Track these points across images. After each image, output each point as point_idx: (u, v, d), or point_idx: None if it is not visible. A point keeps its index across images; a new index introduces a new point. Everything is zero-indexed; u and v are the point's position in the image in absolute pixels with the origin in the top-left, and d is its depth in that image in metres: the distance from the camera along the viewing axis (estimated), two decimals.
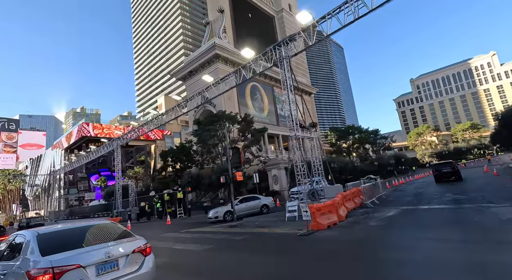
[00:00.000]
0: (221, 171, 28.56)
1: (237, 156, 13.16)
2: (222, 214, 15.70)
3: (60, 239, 3.83)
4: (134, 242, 4.06)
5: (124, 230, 4.45)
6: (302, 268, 5.05)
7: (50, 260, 3.27)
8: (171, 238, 11.21)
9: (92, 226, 4.29)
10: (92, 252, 3.54)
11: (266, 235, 9.22)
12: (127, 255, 3.79)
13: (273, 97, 52.07)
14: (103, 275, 3.50)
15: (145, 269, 3.89)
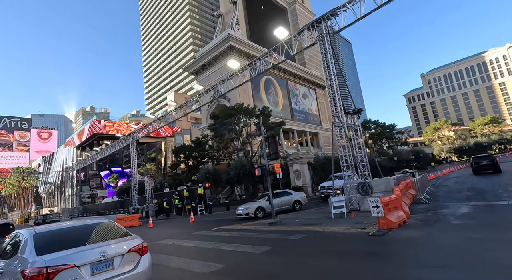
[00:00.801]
0: (240, 166, 27.46)
1: (274, 145, 11.90)
2: (253, 210, 14.53)
3: (57, 239, 3.80)
4: (130, 241, 3.99)
5: (121, 229, 4.38)
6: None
7: (45, 260, 3.26)
8: (208, 237, 10.07)
9: (89, 225, 4.26)
10: (87, 252, 3.52)
11: (324, 235, 7.96)
12: (122, 255, 3.75)
13: (287, 91, 50.58)
14: (97, 274, 3.47)
15: (141, 268, 3.85)
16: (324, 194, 18.89)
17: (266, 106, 33.06)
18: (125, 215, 21.56)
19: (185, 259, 6.71)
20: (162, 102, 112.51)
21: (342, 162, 12.02)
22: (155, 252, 8.25)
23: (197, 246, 8.57)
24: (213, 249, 7.68)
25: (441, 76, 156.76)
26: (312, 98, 57.42)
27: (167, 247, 9.24)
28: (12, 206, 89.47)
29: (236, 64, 17.15)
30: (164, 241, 10.54)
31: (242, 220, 14.36)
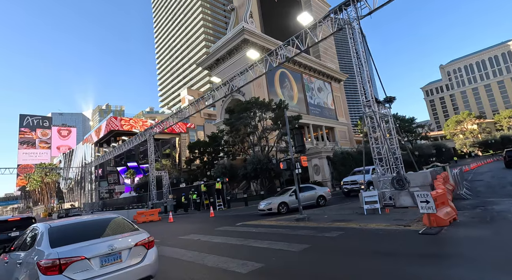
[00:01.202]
0: (257, 161, 27.00)
1: (300, 137, 11.29)
2: (276, 206, 14.05)
3: (69, 232, 4.01)
4: (137, 236, 4.18)
5: (130, 224, 4.61)
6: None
7: (58, 252, 3.47)
8: (235, 233, 9.67)
9: (99, 220, 4.54)
10: (96, 245, 3.70)
11: (363, 232, 7.34)
12: (129, 248, 3.94)
13: (302, 84, 49.47)
14: (106, 266, 3.66)
15: (147, 261, 4.04)
16: (348, 189, 18.13)
17: (282, 100, 32.31)
18: (144, 210, 21.65)
19: (219, 257, 6.29)
20: (175, 98, 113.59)
21: (374, 155, 11.24)
22: (185, 248, 7.92)
23: (226, 242, 8.17)
24: (245, 246, 7.24)
25: (461, 67, 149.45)
26: (327, 92, 55.99)
27: (194, 243, 8.90)
28: (36, 200, 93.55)
29: (256, 54, 16.56)
30: (190, 236, 10.24)
31: (265, 216, 13.92)
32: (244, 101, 31.73)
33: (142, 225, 18.02)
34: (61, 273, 3.40)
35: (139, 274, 3.93)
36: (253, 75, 20.45)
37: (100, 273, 3.61)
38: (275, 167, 28.02)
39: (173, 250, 7.92)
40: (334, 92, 57.55)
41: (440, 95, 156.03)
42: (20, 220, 10.32)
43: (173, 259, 6.77)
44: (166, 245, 8.83)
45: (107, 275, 3.64)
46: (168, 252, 7.73)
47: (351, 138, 58.61)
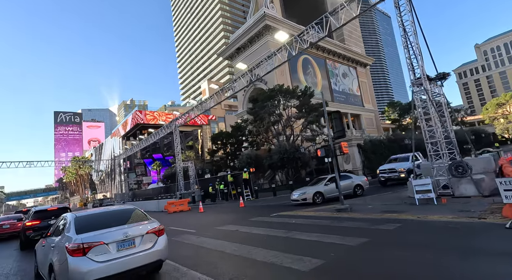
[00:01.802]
0: (283, 151, 26.27)
1: (339, 122, 10.37)
2: (311, 196, 13.33)
3: (91, 221, 4.64)
4: (148, 225, 4.70)
5: (143, 214, 5.08)
6: None
7: (81, 238, 4.10)
8: (274, 224, 9.13)
9: (117, 211, 5.15)
10: (113, 232, 4.28)
11: (424, 225, 6.47)
12: (142, 235, 4.48)
13: (326, 70, 47.35)
14: (122, 250, 4.23)
15: (158, 247, 4.58)
16: (385, 178, 16.93)
17: (308, 86, 30.99)
18: (174, 200, 21.88)
19: (268, 251, 5.75)
20: (196, 91, 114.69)
21: (426, 139, 10.06)
22: (225, 240, 7.49)
23: (268, 234, 7.64)
24: (291, 239, 6.64)
25: (500, 45, 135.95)
26: (352, 77, 53.28)
27: (234, 234, 8.48)
28: (72, 191, 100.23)
29: (284, 36, 15.52)
30: (226, 227, 9.88)
31: (299, 206, 13.28)
32: (267, 89, 30.82)
33: (173, 215, 18.20)
34: (85, 255, 3.99)
35: (151, 258, 4.46)
36: (276, 62, 19.52)
37: (117, 256, 4.16)
38: (302, 156, 27.19)
39: (214, 241, 7.54)
40: (360, 77, 54.64)
41: (475, 77, 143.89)
42: (57, 209, 11.07)
43: (217, 252, 6.35)
44: (204, 236, 8.50)
45: (122, 258, 4.17)
46: (210, 243, 7.35)
47: (378, 125, 55.76)
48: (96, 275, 3.93)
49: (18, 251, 10.40)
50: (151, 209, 23.34)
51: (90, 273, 3.89)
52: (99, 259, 4.02)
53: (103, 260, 4.04)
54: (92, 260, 3.98)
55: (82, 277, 3.87)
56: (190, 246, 7.39)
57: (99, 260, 4.01)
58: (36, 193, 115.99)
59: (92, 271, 3.91)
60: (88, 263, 3.95)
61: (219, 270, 4.88)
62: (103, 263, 4.01)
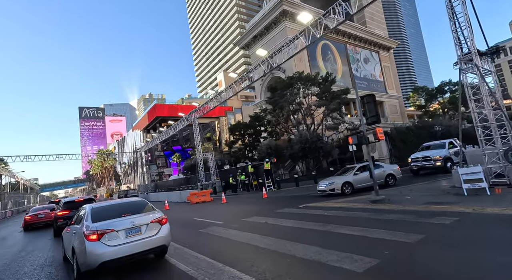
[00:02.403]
0: (305, 140, 25.46)
1: (372, 106, 9.50)
2: (339, 186, 12.62)
3: (105, 212, 5.39)
4: (153, 215, 5.41)
5: (149, 206, 5.85)
6: None
7: (96, 226, 4.85)
8: (304, 216, 8.61)
9: (127, 202, 6.07)
10: (122, 221, 5.01)
11: (490, 219, 5.66)
12: (147, 224, 5.17)
13: (346, 56, 45.23)
14: (130, 237, 4.92)
15: (161, 234, 5.27)
16: (418, 166, 15.79)
17: (329, 72, 29.63)
18: (197, 191, 21.95)
19: (307, 246, 5.24)
20: (212, 82, 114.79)
21: (475, 122, 8.96)
22: (256, 233, 7.06)
23: (301, 227, 7.13)
24: (331, 233, 6.09)
25: None
26: (375, 62, 50.61)
27: (263, 226, 8.06)
28: (98, 183, 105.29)
29: (308, 17, 14.50)
30: (253, 218, 9.49)
31: (326, 197, 12.64)
32: (286, 77, 29.81)
33: (196, 206, 18.21)
34: (99, 240, 4.69)
35: (155, 243, 5.13)
36: (299, 46, 18.55)
37: (126, 241, 4.83)
38: (325, 145, 26.26)
39: (244, 234, 7.15)
40: (383, 62, 51.79)
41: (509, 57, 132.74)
42: (84, 200, 11.72)
43: (250, 246, 5.94)
44: (233, 228, 8.15)
45: (130, 243, 4.85)
46: (240, 236, 6.97)
47: (403, 112, 53.03)
48: (109, 256, 4.66)
49: (53, 241, 10.68)
50: (174, 199, 23.63)
51: (104, 255, 4.64)
52: (111, 243, 4.74)
53: (114, 244, 4.76)
54: (105, 244, 4.71)
55: (97, 258, 4.61)
56: (219, 239, 7.05)
57: (111, 244, 4.74)
58: (66, 185, 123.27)
59: (105, 253, 4.65)
60: (102, 246, 4.68)
61: (258, 268, 4.44)
62: (114, 247, 4.74)
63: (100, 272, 4.83)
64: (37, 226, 15.86)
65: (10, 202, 41.95)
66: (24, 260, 7.71)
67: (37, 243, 10.78)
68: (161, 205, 22.13)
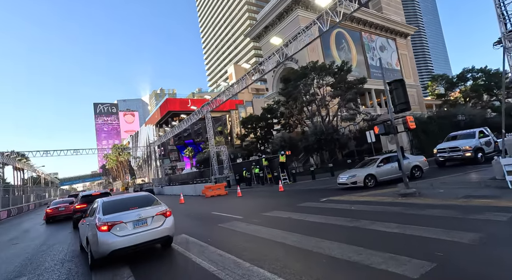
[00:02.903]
0: (320, 132, 24.71)
1: (401, 92, 8.75)
2: (362, 178, 11.98)
3: (114, 205, 5.85)
4: (157, 208, 5.84)
5: (155, 199, 6.27)
6: None
7: (106, 218, 5.33)
8: (329, 211, 8.11)
9: (134, 197, 6.49)
10: (129, 214, 5.47)
11: None
12: (152, 216, 5.60)
13: (361, 44, 43.48)
14: (137, 228, 5.39)
15: (166, 226, 5.70)
16: (444, 158, 14.86)
17: (345, 61, 28.48)
18: (211, 184, 21.81)
19: (343, 245, 4.76)
20: (222, 76, 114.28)
21: None
22: (280, 228, 6.63)
23: (328, 222, 6.65)
24: (365, 230, 5.57)
25: None
26: (391, 50, 48.50)
27: (286, 221, 7.63)
28: (114, 177, 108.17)
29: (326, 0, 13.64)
30: (273, 213, 9.09)
31: (347, 190, 12.06)
32: (300, 67, 28.89)
33: (211, 200, 18.03)
34: (109, 231, 5.11)
35: (160, 234, 5.55)
36: (316, 33, 17.75)
37: (133, 232, 5.26)
38: (341, 137, 25.43)
39: (267, 230, 6.75)
40: (400, 49, 49.55)
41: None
42: (100, 194, 12.07)
43: (277, 243, 5.51)
44: (255, 224, 7.76)
45: (137, 233, 5.28)
46: (264, 232, 6.57)
47: (421, 102, 50.91)
48: (118, 245, 5.12)
49: (72, 234, 10.72)
50: (189, 193, 23.62)
51: (114, 244, 5.10)
52: (120, 234, 5.19)
53: (123, 234, 5.20)
54: (114, 234, 5.16)
55: (108, 247, 5.08)
56: (242, 235, 6.68)
57: (120, 235, 5.18)
58: (84, 179, 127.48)
59: (115, 242, 5.11)
60: (112, 236, 5.13)
61: (292, 269, 4.00)
62: (123, 237, 5.18)
63: (113, 260, 5.38)
64: (58, 219, 16.49)
65: (33, 196, 43.60)
66: (45, 254, 7.65)
67: (58, 236, 10.84)
68: (176, 198, 22.16)
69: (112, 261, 5.45)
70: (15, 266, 6.69)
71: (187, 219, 10.90)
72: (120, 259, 5.68)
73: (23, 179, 55.21)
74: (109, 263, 5.46)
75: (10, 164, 42.78)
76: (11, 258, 7.74)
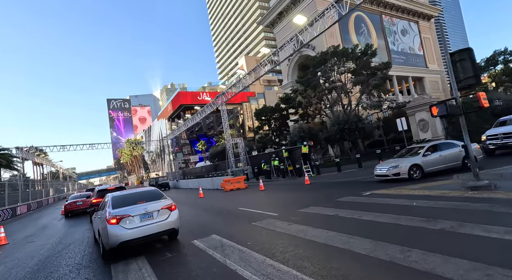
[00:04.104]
0: (343, 121, 23.16)
1: (469, 64, 7.22)
2: (406, 169, 10.54)
3: (122, 200, 6.16)
4: (163, 202, 6.15)
5: (161, 194, 6.60)
6: None
7: (115, 211, 5.65)
8: (382, 207, 6.81)
9: (141, 191, 6.69)
10: (136, 208, 5.78)
11: None
12: (158, 210, 5.90)
13: (382, 28, 40.90)
14: (144, 221, 5.69)
15: (171, 219, 6.01)
16: (495, 145, 13.13)
17: (369, 44, 26.51)
18: (230, 177, 20.82)
19: (459, 260, 3.48)
20: (233, 68, 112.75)
21: None
22: (334, 230, 5.38)
23: (399, 223, 5.36)
24: (456, 235, 4.26)
25: None
26: (414, 34, 45.53)
27: (334, 220, 6.40)
28: (129, 171, 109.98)
29: None
30: (311, 209, 7.89)
31: (389, 183, 10.68)
32: (319, 53, 27.10)
33: (231, 194, 17.03)
34: (118, 223, 5.52)
35: (166, 227, 5.94)
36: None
37: (140, 225, 5.66)
38: (367, 126, 23.79)
39: (316, 232, 5.54)
40: (423, 32, 46.47)
41: None
42: (115, 188, 12.27)
43: (341, 251, 4.28)
44: (294, 222, 6.58)
45: (144, 226, 5.68)
46: (314, 234, 5.36)
47: (445, 88, 47.88)
48: (127, 237, 5.41)
49: (90, 231, 9.95)
50: (206, 186, 22.78)
51: (122, 236, 5.38)
52: (128, 226, 5.48)
53: (131, 227, 5.49)
54: (123, 227, 5.45)
55: (117, 239, 5.36)
56: (288, 238, 5.50)
57: (128, 227, 5.47)
58: (100, 173, 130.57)
59: (123, 234, 5.39)
60: (120, 229, 5.41)
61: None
62: (131, 229, 5.47)
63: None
64: (76, 213, 16.79)
65: (52, 190, 44.36)
66: (60, 257, 6.80)
67: (75, 234, 10.09)
68: (194, 192, 21.37)
69: None
70: (26, 272, 5.84)
71: (212, 216, 9.87)
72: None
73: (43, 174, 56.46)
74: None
75: (29, 159, 43.48)
76: (24, 260, 6.95)
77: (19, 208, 22.81)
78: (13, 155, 34.42)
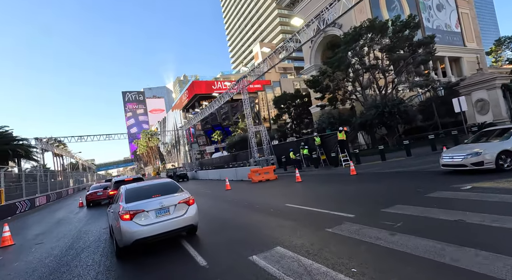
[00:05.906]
0: (383, 104, 20.46)
1: None
2: (493, 157, 8.08)
3: (136, 193, 5.66)
4: (180, 196, 5.66)
5: (178, 187, 6.12)
6: None
7: (128, 206, 5.20)
8: (502, 205, 4.55)
9: (157, 184, 6.22)
10: (151, 202, 5.31)
11: None
12: (175, 205, 5.43)
13: (416, 2, 36.88)
14: (160, 217, 5.23)
15: (189, 214, 5.52)
16: None
17: (412, 14, 23.28)
18: (258, 168, 18.90)
19: None
20: (247, 56, 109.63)
21: None
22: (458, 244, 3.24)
23: None
24: None
25: None
26: (450, 9, 41.01)
27: (457, 227, 4.24)
28: (145, 162, 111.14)
29: None
30: (399, 209, 5.74)
31: (463, 174, 8.35)
32: (352, 28, 24.10)
33: (262, 185, 14.99)
34: (131, 219, 5.05)
35: (183, 223, 5.44)
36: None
37: (156, 221, 5.18)
38: (409, 109, 21.02)
39: (450, 249, 3.42)
40: (460, 7, 41.81)
41: None
42: (132, 180, 11.79)
43: None
44: (390, 229, 4.48)
45: (160, 222, 5.19)
46: (452, 256, 3.23)
47: (485, 69, 43.30)
48: (142, 234, 5.02)
49: (107, 231, 8.27)
50: (230, 177, 20.97)
51: (137, 233, 5.00)
52: (142, 223, 5.10)
53: (146, 223, 5.11)
54: (137, 223, 5.06)
55: (131, 236, 4.98)
56: (416, 261, 3.41)
57: (143, 224, 5.09)
58: (118, 164, 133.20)
59: (138, 231, 5.01)
60: (134, 225, 5.04)
61: None
62: (146, 226, 5.09)
63: None
64: (97, 202, 17.29)
65: (72, 181, 44.45)
66: (69, 270, 5.09)
67: (89, 234, 8.47)
68: (218, 184, 19.62)
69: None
70: None
71: (258, 216, 7.56)
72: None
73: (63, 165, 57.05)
74: None
75: (49, 150, 43.50)
76: (23, 273, 5.30)
77: (38, 200, 22.05)
78: (32, 145, 34.06)
